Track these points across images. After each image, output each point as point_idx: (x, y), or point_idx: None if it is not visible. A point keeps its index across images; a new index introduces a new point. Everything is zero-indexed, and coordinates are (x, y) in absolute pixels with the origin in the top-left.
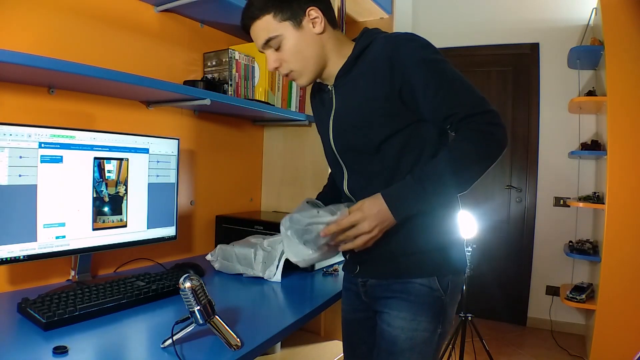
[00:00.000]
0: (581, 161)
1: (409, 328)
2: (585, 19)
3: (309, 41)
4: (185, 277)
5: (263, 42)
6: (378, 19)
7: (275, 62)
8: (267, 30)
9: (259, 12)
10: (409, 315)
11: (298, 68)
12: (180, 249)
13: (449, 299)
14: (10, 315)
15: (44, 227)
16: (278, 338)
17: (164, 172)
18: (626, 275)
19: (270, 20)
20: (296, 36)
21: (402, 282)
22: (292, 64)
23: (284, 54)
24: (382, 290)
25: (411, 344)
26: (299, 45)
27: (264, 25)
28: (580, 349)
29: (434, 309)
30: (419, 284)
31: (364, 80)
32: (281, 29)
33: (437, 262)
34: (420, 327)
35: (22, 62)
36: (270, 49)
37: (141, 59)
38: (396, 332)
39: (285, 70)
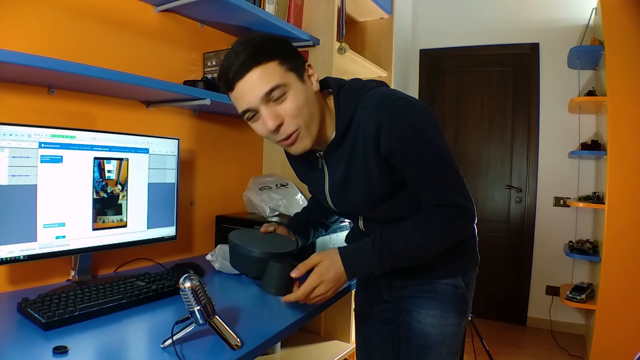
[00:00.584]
0: (581, 161)
1: (439, 324)
2: (585, 19)
3: (312, 97)
4: (185, 277)
5: (264, 93)
6: (378, 19)
7: (277, 118)
8: (273, 77)
9: (264, 57)
10: (437, 312)
11: (304, 125)
12: (180, 249)
13: (469, 294)
14: (10, 315)
15: (44, 227)
16: (278, 338)
17: (164, 172)
18: (626, 275)
19: (277, 68)
20: (302, 89)
21: (429, 283)
22: (299, 120)
23: (289, 108)
24: (409, 291)
25: (442, 338)
26: (306, 99)
27: (270, 72)
28: (580, 349)
29: (459, 305)
30: (445, 284)
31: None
32: (288, 78)
33: (461, 263)
34: (449, 323)
35: (22, 62)
36: (268, 105)
37: (141, 59)
38: (427, 328)
39: (292, 128)
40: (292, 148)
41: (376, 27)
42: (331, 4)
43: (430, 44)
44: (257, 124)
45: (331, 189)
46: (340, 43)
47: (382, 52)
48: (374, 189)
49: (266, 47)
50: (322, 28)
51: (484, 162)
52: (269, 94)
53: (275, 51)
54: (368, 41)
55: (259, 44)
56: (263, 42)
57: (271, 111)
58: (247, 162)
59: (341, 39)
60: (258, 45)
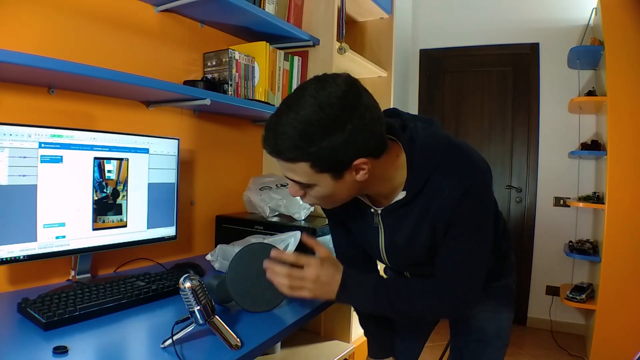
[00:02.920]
0: (581, 161)
1: (493, 318)
2: (585, 19)
3: (346, 188)
4: (185, 277)
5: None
6: (378, 19)
7: (299, 192)
8: (299, 175)
9: (292, 155)
10: (491, 308)
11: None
12: (180, 249)
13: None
14: (10, 315)
15: (44, 227)
16: (278, 338)
17: (164, 172)
18: (626, 275)
19: (306, 169)
20: (332, 186)
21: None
22: (319, 202)
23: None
24: None
25: (497, 332)
26: (332, 193)
27: (298, 169)
28: (580, 349)
29: (509, 299)
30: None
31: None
32: (318, 179)
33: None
34: (502, 317)
35: (22, 62)
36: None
37: (141, 59)
38: (482, 322)
39: (309, 202)
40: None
41: (376, 27)
42: (331, 4)
43: (430, 44)
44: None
45: (389, 247)
46: (340, 43)
47: (382, 52)
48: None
49: (300, 145)
50: (322, 28)
51: None
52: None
53: (310, 152)
54: (368, 41)
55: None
56: (300, 135)
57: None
58: (247, 162)
59: (341, 39)
60: (293, 140)
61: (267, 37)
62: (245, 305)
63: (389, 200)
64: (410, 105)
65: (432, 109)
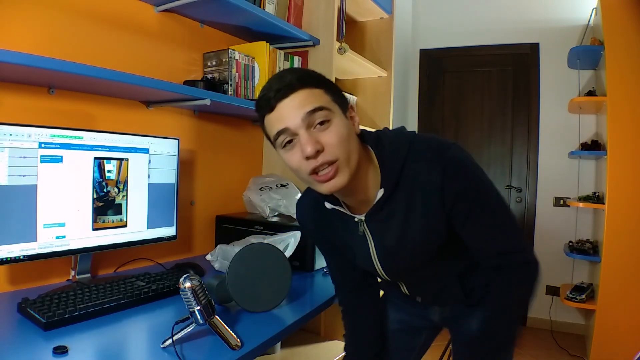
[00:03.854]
0: (581, 161)
1: None
2: (585, 19)
3: (353, 136)
4: (185, 277)
5: (307, 111)
6: (378, 19)
7: (317, 144)
8: (319, 100)
9: (311, 82)
10: None
11: (344, 157)
12: (180, 249)
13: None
14: (10, 315)
15: (44, 227)
16: (278, 338)
17: (164, 172)
18: (626, 275)
19: (323, 94)
20: (345, 123)
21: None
22: (338, 151)
23: (330, 137)
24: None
25: None
26: (347, 133)
27: (316, 95)
28: (580, 349)
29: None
30: None
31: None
32: (334, 107)
33: None
34: None
35: (22, 62)
36: (309, 129)
37: (141, 59)
38: None
39: (331, 157)
40: (330, 183)
41: (376, 27)
42: (331, 4)
43: (430, 44)
44: (292, 152)
45: (381, 254)
46: (340, 43)
47: (382, 52)
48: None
49: (314, 75)
50: (322, 28)
51: (484, 162)
52: (311, 114)
53: (321, 81)
54: (368, 41)
55: (306, 71)
56: (310, 71)
57: (312, 136)
58: (247, 162)
59: (341, 39)
60: (305, 71)
61: (267, 37)
62: (245, 305)
63: (369, 205)
64: (410, 105)
65: (432, 109)
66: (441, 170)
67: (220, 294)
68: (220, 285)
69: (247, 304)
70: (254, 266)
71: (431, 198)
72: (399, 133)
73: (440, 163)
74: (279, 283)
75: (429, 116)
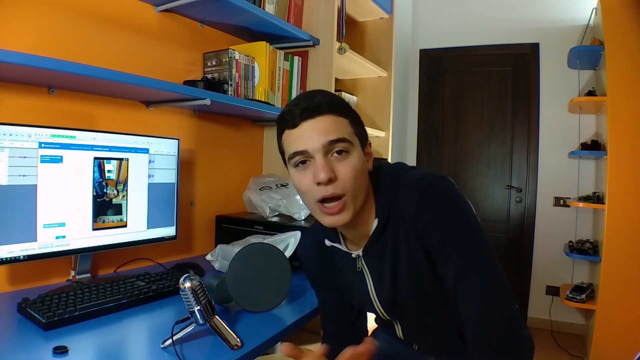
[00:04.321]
0: (581, 161)
1: None
2: (585, 19)
3: (365, 172)
4: (185, 277)
5: (329, 140)
6: (378, 19)
7: (331, 172)
8: (343, 130)
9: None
10: None
11: (352, 193)
12: (180, 249)
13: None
14: (10, 315)
15: (44, 227)
16: (278, 338)
17: (164, 172)
18: (626, 275)
19: (347, 125)
20: (361, 158)
21: None
22: (348, 185)
23: (346, 170)
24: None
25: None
26: (362, 168)
27: (342, 125)
28: (580, 349)
29: None
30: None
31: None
32: (354, 140)
33: None
34: None
35: (22, 62)
36: (327, 156)
37: (141, 59)
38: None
39: (341, 190)
40: (334, 218)
41: (376, 27)
42: (331, 4)
43: (430, 44)
44: (304, 173)
45: (379, 291)
46: (340, 43)
47: (382, 52)
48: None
49: (343, 104)
50: (322, 28)
51: (484, 162)
52: (333, 143)
53: (348, 110)
54: (368, 41)
55: (337, 97)
56: (341, 99)
57: (327, 163)
58: (247, 162)
59: (341, 39)
60: (336, 98)
61: (267, 37)
62: (245, 305)
63: (366, 238)
64: (410, 105)
65: (432, 109)
66: (418, 197)
67: (220, 294)
68: (220, 285)
69: (247, 304)
70: (254, 266)
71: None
72: (396, 164)
73: (419, 190)
74: (279, 283)
75: (429, 116)
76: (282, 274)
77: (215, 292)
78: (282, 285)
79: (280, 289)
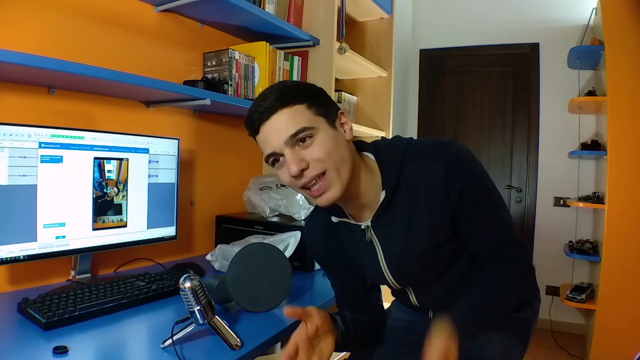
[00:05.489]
0: (581, 161)
1: (502, 350)
2: (585, 19)
3: (343, 143)
4: (185, 277)
5: (289, 135)
6: (378, 19)
7: (301, 162)
8: (299, 119)
9: (291, 99)
10: (502, 338)
11: (333, 166)
12: (180, 249)
13: (535, 324)
14: (10, 315)
15: (44, 227)
16: (278, 338)
17: (164, 172)
18: (626, 275)
19: (304, 110)
20: (332, 134)
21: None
22: (327, 163)
23: (315, 152)
24: None
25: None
26: (334, 143)
27: (296, 113)
28: (580, 349)
29: (525, 335)
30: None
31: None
32: (316, 122)
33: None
34: (512, 351)
35: (22, 62)
36: (293, 148)
37: (141, 59)
38: (489, 353)
39: (317, 170)
40: (322, 198)
41: (376, 27)
42: (331, 4)
43: (430, 44)
44: (282, 170)
45: (389, 260)
46: (340, 43)
47: (382, 52)
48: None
49: (294, 90)
50: (322, 28)
51: (484, 162)
52: (293, 137)
53: (303, 95)
54: (368, 41)
55: (287, 87)
56: (292, 86)
57: (295, 155)
58: (247, 162)
59: (341, 39)
60: (286, 88)
61: (267, 37)
62: (245, 305)
63: (373, 210)
64: (410, 105)
65: (432, 109)
66: (443, 167)
67: (220, 294)
68: (220, 285)
69: (247, 304)
70: (254, 266)
71: (435, 196)
72: (395, 138)
73: (442, 160)
74: (279, 283)
75: (429, 116)
76: (282, 274)
77: (215, 292)
78: (282, 285)
79: (280, 289)
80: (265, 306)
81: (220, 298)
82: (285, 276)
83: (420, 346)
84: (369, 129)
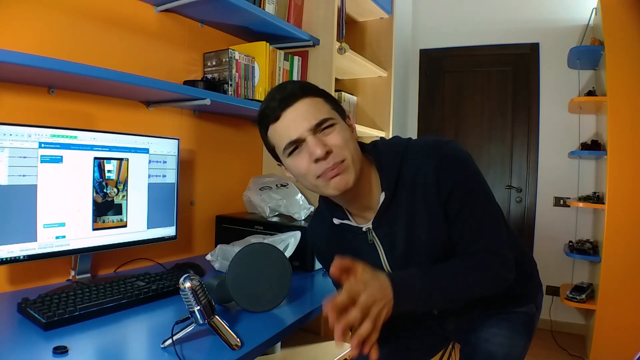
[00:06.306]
0: (581, 161)
1: (507, 345)
2: (585, 19)
3: (354, 140)
4: (185, 277)
5: (314, 124)
6: (378, 19)
7: (326, 146)
8: (322, 110)
9: (312, 92)
10: (508, 333)
11: (350, 156)
12: (180, 249)
13: (538, 316)
14: (10, 315)
15: (44, 227)
16: (278, 338)
17: (164, 172)
18: (626, 275)
19: (324, 103)
20: (347, 129)
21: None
22: (345, 152)
23: (336, 139)
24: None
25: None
26: (350, 136)
27: (318, 104)
28: (580, 349)
29: (529, 328)
30: (520, 312)
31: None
32: (334, 115)
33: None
34: (517, 344)
35: (22, 62)
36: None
37: (141, 59)
38: (494, 347)
39: (339, 157)
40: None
41: (376, 27)
42: (331, 4)
43: (430, 44)
44: (300, 157)
45: (392, 261)
46: (340, 43)
47: (382, 52)
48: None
49: (313, 86)
50: (322, 28)
51: (484, 162)
52: (319, 125)
53: (319, 91)
54: (368, 41)
55: (306, 82)
56: (310, 83)
57: (319, 139)
58: (247, 162)
59: (341, 39)
60: (305, 82)
61: (267, 37)
62: (245, 305)
63: (374, 212)
64: (410, 105)
65: (432, 109)
66: (437, 164)
67: (220, 294)
68: (220, 285)
69: (247, 304)
70: (254, 266)
71: (430, 195)
72: (394, 138)
73: (437, 157)
74: (279, 283)
75: (429, 116)
76: (282, 274)
77: (215, 292)
78: (282, 285)
79: (280, 289)
80: (265, 306)
81: (220, 298)
82: (285, 276)
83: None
84: (369, 129)
